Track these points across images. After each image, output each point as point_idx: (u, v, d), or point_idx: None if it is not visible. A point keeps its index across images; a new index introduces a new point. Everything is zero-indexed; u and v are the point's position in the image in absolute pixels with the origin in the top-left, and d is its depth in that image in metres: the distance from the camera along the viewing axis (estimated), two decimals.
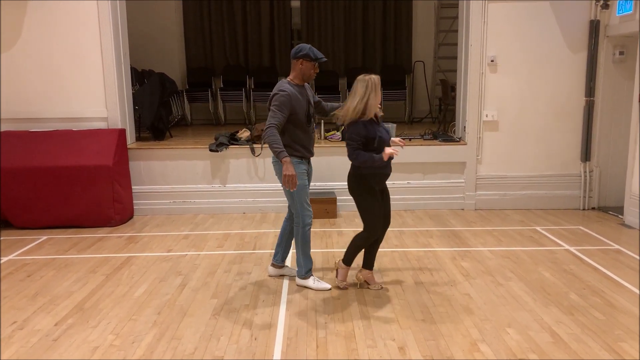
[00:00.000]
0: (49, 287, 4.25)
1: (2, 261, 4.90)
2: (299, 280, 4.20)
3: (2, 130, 6.23)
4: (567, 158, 6.56)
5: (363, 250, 4.10)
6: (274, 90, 3.95)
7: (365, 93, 3.77)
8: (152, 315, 3.73)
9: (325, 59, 4.15)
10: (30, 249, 5.27)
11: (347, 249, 4.08)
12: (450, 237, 5.47)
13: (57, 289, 4.21)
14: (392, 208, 6.43)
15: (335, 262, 4.30)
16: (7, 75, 6.29)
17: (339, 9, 9.99)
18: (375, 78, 3.83)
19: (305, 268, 4.17)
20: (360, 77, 3.84)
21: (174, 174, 6.52)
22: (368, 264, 4.14)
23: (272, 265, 4.42)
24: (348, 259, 4.09)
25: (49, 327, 3.56)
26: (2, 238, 5.62)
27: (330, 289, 4.11)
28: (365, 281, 4.16)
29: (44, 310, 3.84)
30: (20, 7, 6.18)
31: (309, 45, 4.07)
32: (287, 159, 3.77)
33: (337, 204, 6.31)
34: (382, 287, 4.12)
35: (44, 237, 5.63)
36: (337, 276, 4.16)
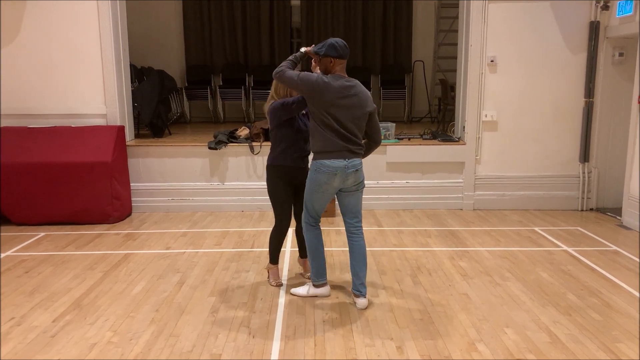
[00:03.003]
0: (47, 284, 4.25)
1: (0, 257, 4.90)
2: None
3: (2, 126, 6.22)
4: (566, 159, 6.57)
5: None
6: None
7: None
8: (150, 312, 3.73)
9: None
10: (28, 245, 5.27)
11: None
12: (449, 237, 5.47)
13: (55, 286, 4.21)
14: (391, 207, 6.54)
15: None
16: (6, 72, 6.28)
17: (339, 7, 9.99)
18: None
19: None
20: None
21: (172, 171, 6.51)
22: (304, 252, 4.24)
23: None
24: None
25: (47, 324, 3.56)
26: (0, 234, 5.61)
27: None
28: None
29: (41, 306, 3.83)
30: (19, 3, 6.16)
31: None
32: None
33: (336, 202, 6.30)
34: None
35: (42, 234, 5.62)
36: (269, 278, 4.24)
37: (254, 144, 6.47)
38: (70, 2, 6.18)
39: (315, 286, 3.97)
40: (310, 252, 3.92)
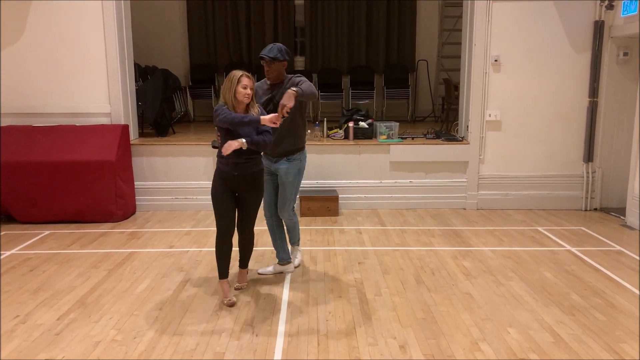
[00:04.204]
0: (51, 282, 4.27)
1: (4, 255, 4.91)
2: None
3: (6, 124, 6.25)
4: (570, 159, 6.56)
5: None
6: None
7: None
8: (154, 311, 3.74)
9: (260, 57, 4.06)
10: (33, 243, 5.29)
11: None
12: (452, 236, 5.47)
13: (60, 284, 4.23)
14: (394, 206, 6.54)
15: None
16: (11, 70, 6.30)
17: (343, 6, 9.97)
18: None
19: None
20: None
21: (176, 170, 6.53)
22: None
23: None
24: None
25: (51, 322, 3.58)
26: (4, 232, 5.63)
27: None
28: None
29: (46, 304, 3.85)
30: (24, 3, 6.18)
31: None
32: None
33: (339, 201, 6.31)
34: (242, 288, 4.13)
35: (47, 232, 5.65)
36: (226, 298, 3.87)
37: None
38: (75, 1, 6.20)
39: (282, 264, 4.43)
40: (289, 231, 4.46)
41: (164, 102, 7.20)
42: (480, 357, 3.11)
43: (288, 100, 3.59)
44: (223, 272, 3.88)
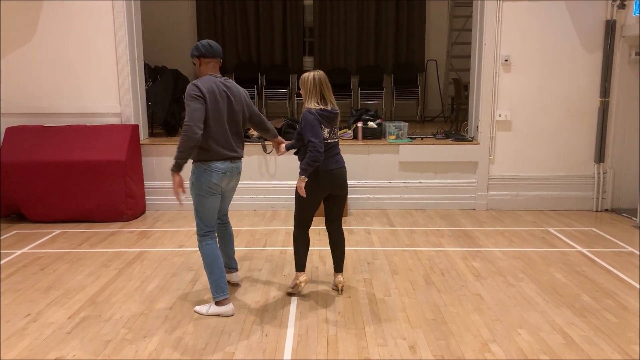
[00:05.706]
0: (62, 281, 4.30)
1: (15, 254, 4.95)
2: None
3: (18, 124, 6.29)
4: (581, 159, 6.51)
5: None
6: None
7: None
8: (164, 310, 3.76)
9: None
10: (44, 242, 5.33)
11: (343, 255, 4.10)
12: (462, 237, 5.45)
13: (70, 283, 4.26)
14: (403, 207, 6.53)
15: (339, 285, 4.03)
16: (22, 71, 6.35)
17: (352, 6, 9.97)
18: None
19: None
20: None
21: (185, 170, 6.52)
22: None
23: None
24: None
25: (62, 320, 3.60)
26: (16, 231, 5.67)
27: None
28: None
29: (57, 303, 3.88)
30: (36, 3, 6.23)
31: None
32: None
33: (348, 202, 6.30)
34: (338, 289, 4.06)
35: (57, 231, 5.69)
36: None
37: (266, 143, 6.49)
38: (85, 2, 6.24)
39: (217, 304, 3.65)
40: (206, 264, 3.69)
41: (174, 102, 7.22)
42: (490, 358, 3.10)
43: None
44: None
